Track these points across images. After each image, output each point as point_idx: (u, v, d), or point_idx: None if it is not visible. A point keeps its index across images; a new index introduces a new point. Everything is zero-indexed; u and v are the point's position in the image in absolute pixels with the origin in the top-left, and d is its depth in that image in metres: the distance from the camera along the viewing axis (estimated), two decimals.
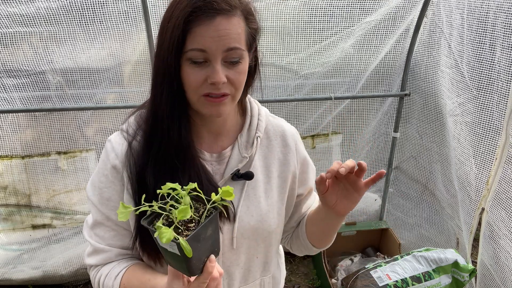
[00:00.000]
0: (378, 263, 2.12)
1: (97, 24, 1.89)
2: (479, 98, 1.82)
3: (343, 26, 2.10)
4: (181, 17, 0.78)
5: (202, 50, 0.79)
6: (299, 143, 1.07)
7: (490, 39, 1.74)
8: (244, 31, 0.83)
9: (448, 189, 2.24)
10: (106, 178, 0.93)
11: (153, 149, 0.88)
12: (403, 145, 2.56)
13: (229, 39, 0.80)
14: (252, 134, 0.99)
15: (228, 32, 0.79)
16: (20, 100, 2.07)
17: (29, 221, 2.40)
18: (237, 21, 0.81)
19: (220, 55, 0.80)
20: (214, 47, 0.79)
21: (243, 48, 0.83)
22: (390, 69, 2.34)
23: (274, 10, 2.01)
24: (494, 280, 1.85)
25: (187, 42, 0.79)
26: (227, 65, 0.82)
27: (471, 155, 1.90)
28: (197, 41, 0.79)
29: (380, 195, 2.68)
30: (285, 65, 2.22)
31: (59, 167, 2.27)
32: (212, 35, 0.78)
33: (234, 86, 0.85)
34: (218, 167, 0.97)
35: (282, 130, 1.04)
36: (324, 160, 2.51)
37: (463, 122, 1.94)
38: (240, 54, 0.82)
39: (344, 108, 2.38)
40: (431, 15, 2.14)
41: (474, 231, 1.96)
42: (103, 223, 0.95)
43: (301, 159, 1.06)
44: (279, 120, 1.07)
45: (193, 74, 0.82)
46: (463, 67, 1.89)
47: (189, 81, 0.82)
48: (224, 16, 0.79)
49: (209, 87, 0.82)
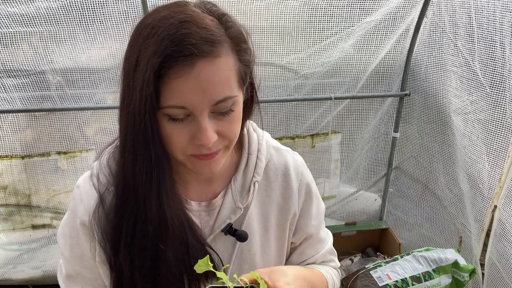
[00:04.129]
0: (378, 263, 2.12)
1: (97, 24, 1.89)
2: (492, 96, 1.83)
3: (343, 26, 2.10)
4: (150, 71, 0.60)
5: (182, 107, 0.62)
6: (304, 179, 0.88)
7: (500, 37, 1.76)
8: (235, 69, 0.65)
9: (451, 188, 2.24)
10: (76, 232, 0.78)
11: (125, 228, 0.71)
12: (403, 145, 2.56)
13: (216, 90, 0.62)
14: (249, 178, 0.82)
15: (214, 80, 0.62)
16: (20, 100, 2.07)
17: (29, 221, 2.40)
18: (224, 62, 0.63)
19: (206, 109, 0.63)
20: (197, 102, 0.62)
21: (234, 94, 0.66)
22: (390, 69, 2.34)
23: (274, 10, 2.01)
24: (503, 278, 1.85)
25: (162, 97, 0.62)
26: (216, 116, 0.66)
27: (483, 152, 1.91)
28: (174, 97, 0.61)
29: (380, 195, 2.68)
30: (285, 65, 2.22)
31: (59, 167, 2.27)
32: (193, 88, 0.61)
33: (227, 138, 0.69)
34: (207, 218, 0.81)
35: (284, 167, 0.86)
36: (324, 159, 2.51)
37: (475, 120, 1.95)
38: (232, 102, 0.66)
39: (344, 108, 2.38)
40: (431, 15, 2.14)
41: (486, 229, 1.96)
42: (77, 278, 0.83)
43: (302, 199, 0.88)
44: (282, 152, 0.88)
45: (175, 134, 0.65)
46: (475, 65, 1.90)
47: (170, 141, 0.66)
48: (207, 59, 0.61)
49: (197, 147, 0.66)
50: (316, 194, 0.92)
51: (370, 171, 2.60)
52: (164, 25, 0.60)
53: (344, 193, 2.62)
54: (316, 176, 2.52)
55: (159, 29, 0.60)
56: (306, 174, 0.90)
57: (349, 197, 2.63)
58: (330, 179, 2.55)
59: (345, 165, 2.55)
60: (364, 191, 2.64)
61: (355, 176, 2.60)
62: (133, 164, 0.68)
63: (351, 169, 2.57)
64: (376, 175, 2.62)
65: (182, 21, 0.60)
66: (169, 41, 0.59)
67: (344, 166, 2.55)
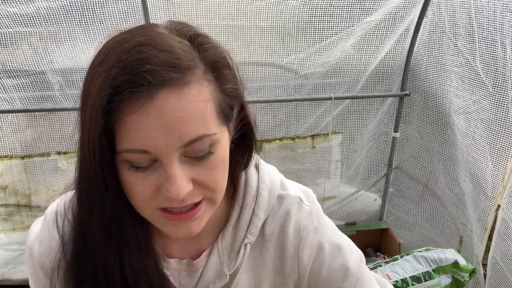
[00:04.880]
0: (378, 263, 2.12)
1: (97, 24, 1.89)
2: (495, 95, 1.84)
3: (343, 26, 2.10)
4: (97, 106, 0.47)
5: (143, 151, 0.48)
6: (308, 238, 0.68)
7: (500, 37, 1.77)
8: (213, 100, 0.51)
9: (451, 188, 2.24)
10: (36, 274, 0.66)
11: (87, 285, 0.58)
12: (403, 145, 2.56)
13: (186, 127, 0.48)
14: (240, 237, 0.65)
15: (182, 115, 0.48)
16: (20, 100, 2.07)
17: (29, 221, 2.39)
18: (195, 91, 0.49)
19: (175, 152, 0.49)
20: (162, 143, 0.48)
21: (211, 132, 0.51)
22: (390, 69, 2.34)
23: (274, 10, 2.01)
24: (507, 277, 1.86)
25: (118, 139, 0.49)
26: (191, 160, 0.51)
27: (487, 152, 1.92)
28: (132, 139, 0.48)
29: (380, 195, 2.68)
30: (285, 65, 2.22)
31: (59, 167, 2.27)
32: (155, 126, 0.47)
33: (207, 188, 0.54)
34: (188, 279, 0.66)
35: (283, 221, 0.68)
36: (324, 160, 2.51)
37: (478, 119, 1.96)
38: (210, 142, 0.51)
39: (344, 108, 2.38)
40: (431, 15, 2.14)
41: (490, 228, 1.97)
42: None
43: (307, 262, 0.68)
44: (287, 201, 0.68)
45: (137, 185, 0.51)
46: (477, 65, 1.91)
47: (132, 192, 0.52)
48: (171, 89, 0.47)
49: (165, 199, 0.52)
50: (339, 249, 0.69)
51: (370, 171, 2.60)
52: (117, 50, 0.49)
53: (344, 193, 2.63)
54: (316, 176, 2.52)
55: (111, 56, 0.49)
56: (313, 231, 0.68)
57: (349, 197, 2.63)
58: (330, 179, 2.55)
59: (345, 166, 2.55)
60: (364, 191, 2.64)
61: (355, 176, 2.60)
62: (89, 217, 0.55)
63: (351, 170, 2.57)
64: (376, 175, 2.62)
65: (138, 44, 0.48)
66: (119, 68, 0.47)
67: (345, 166, 2.55)
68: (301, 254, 0.67)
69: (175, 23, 0.55)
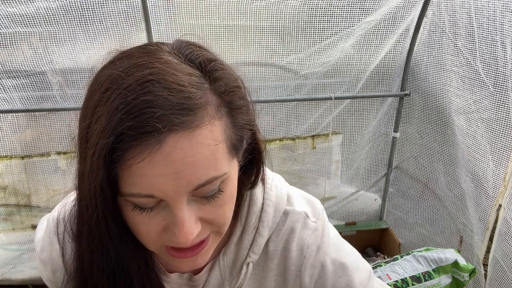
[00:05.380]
0: (378, 263, 2.12)
1: (97, 24, 1.89)
2: (495, 95, 1.84)
3: (343, 26, 2.10)
4: (99, 154, 0.43)
5: (150, 196, 0.46)
6: (311, 257, 0.66)
7: (501, 37, 1.78)
8: (225, 139, 0.48)
9: (452, 188, 2.24)
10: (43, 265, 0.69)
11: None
12: (403, 145, 2.56)
13: (196, 172, 0.45)
14: (242, 255, 0.63)
15: (192, 160, 0.44)
16: (20, 100, 2.07)
17: (29, 221, 2.39)
18: (207, 132, 0.45)
19: (183, 196, 0.46)
20: (169, 189, 0.45)
21: (223, 172, 0.48)
22: (390, 69, 2.34)
23: (274, 10, 2.01)
24: (508, 277, 1.86)
25: (122, 182, 0.45)
26: (199, 199, 0.49)
27: (488, 151, 1.92)
28: (137, 185, 0.45)
29: (380, 195, 2.68)
30: (285, 65, 2.22)
31: (59, 167, 2.27)
32: (163, 172, 0.44)
33: (215, 225, 0.52)
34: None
35: (286, 238, 0.65)
36: (325, 160, 2.51)
37: (479, 119, 1.96)
38: (220, 181, 0.49)
39: (344, 108, 2.38)
40: (431, 15, 2.14)
41: (491, 228, 1.97)
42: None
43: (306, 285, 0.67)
44: (293, 217, 0.66)
45: (142, 224, 0.49)
46: (477, 65, 1.91)
47: (137, 231, 0.50)
48: (181, 133, 0.44)
49: (171, 239, 0.49)
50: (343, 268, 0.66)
51: (370, 171, 2.60)
52: (120, 87, 0.43)
53: (344, 193, 2.63)
54: (317, 177, 2.52)
55: (113, 94, 0.44)
56: (316, 249, 0.66)
57: (349, 197, 2.64)
58: (330, 179, 2.55)
59: (346, 166, 2.55)
60: (364, 191, 2.64)
61: (355, 176, 2.60)
62: (90, 261, 0.52)
63: (352, 170, 2.57)
64: (376, 175, 2.62)
65: (144, 80, 0.43)
66: (124, 112, 0.42)
67: (345, 166, 2.55)
68: (303, 275, 0.66)
69: (183, 45, 0.50)
